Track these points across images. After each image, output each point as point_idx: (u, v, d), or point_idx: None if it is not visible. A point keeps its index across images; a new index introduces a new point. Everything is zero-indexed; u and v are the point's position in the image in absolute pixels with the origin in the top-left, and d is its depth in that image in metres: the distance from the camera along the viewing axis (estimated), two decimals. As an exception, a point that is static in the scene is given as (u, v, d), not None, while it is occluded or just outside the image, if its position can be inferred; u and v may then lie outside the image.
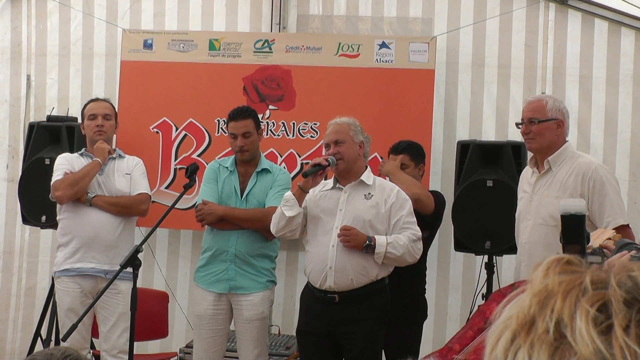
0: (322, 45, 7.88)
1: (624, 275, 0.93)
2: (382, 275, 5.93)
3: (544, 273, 0.97)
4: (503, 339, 0.96)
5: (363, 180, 6.00)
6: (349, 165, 6.01)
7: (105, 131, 6.69)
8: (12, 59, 8.57)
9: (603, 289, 0.92)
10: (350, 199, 5.98)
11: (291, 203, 5.95)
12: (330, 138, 6.04)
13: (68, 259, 6.56)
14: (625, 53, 7.57)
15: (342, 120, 6.12)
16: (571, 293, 0.92)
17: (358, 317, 5.86)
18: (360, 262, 5.83)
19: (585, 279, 0.93)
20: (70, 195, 6.50)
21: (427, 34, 7.88)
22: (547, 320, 0.92)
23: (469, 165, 7.21)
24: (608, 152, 7.57)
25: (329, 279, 5.86)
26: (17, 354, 8.40)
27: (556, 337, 0.91)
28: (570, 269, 0.96)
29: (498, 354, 0.96)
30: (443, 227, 7.02)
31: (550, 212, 5.54)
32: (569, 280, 0.94)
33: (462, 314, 7.72)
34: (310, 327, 6.04)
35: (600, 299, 0.91)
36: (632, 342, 0.87)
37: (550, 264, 0.98)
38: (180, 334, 8.16)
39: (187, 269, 8.20)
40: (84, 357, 2.72)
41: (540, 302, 0.94)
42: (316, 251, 5.97)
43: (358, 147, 6.05)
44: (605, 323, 0.89)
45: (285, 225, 5.98)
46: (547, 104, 5.74)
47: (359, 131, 6.09)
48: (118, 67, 8.21)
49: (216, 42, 8.00)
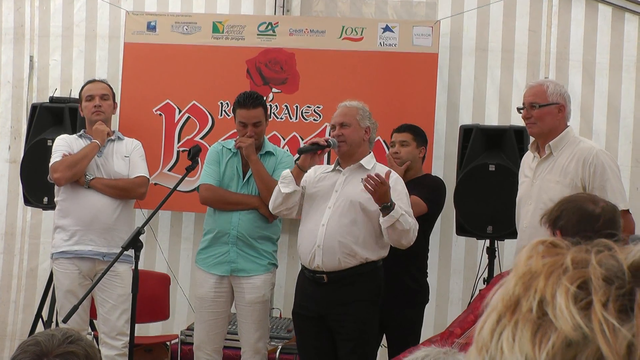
0: (326, 28, 7.86)
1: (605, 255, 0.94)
2: (371, 258, 5.90)
3: (528, 255, 0.98)
4: (489, 321, 0.97)
5: (362, 164, 6.00)
6: (352, 148, 6.00)
7: (104, 111, 6.68)
8: (15, 40, 8.56)
9: (584, 268, 0.92)
10: (347, 181, 5.98)
11: (288, 180, 5.96)
12: (337, 120, 6.05)
13: (66, 241, 6.56)
14: (629, 39, 7.55)
15: (352, 103, 6.12)
16: (554, 273, 0.93)
17: (347, 299, 5.85)
18: (348, 242, 5.83)
19: (566, 259, 0.94)
20: (68, 177, 6.50)
21: (431, 17, 7.87)
22: (531, 300, 0.93)
23: (471, 149, 7.21)
24: (611, 137, 7.56)
25: (317, 257, 5.86)
26: (19, 336, 8.41)
27: (539, 315, 0.91)
28: (554, 252, 0.97)
29: (485, 334, 0.97)
30: (445, 211, 7.02)
31: (551, 196, 5.53)
32: (551, 262, 0.95)
33: (464, 298, 7.73)
34: (303, 309, 6.07)
35: (581, 277, 0.92)
36: (610, 316, 0.87)
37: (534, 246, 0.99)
38: (182, 316, 8.18)
39: (189, 252, 8.20)
40: (85, 338, 2.72)
41: (524, 284, 0.95)
42: (307, 229, 5.99)
43: (363, 132, 6.04)
44: (585, 300, 0.90)
45: (282, 202, 5.98)
46: (548, 89, 5.74)
47: (366, 116, 6.09)
48: (121, 49, 8.21)
49: (220, 25, 7.99)
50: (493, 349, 0.94)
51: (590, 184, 5.49)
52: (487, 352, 0.95)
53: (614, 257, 0.94)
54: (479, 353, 0.96)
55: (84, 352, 2.62)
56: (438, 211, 6.79)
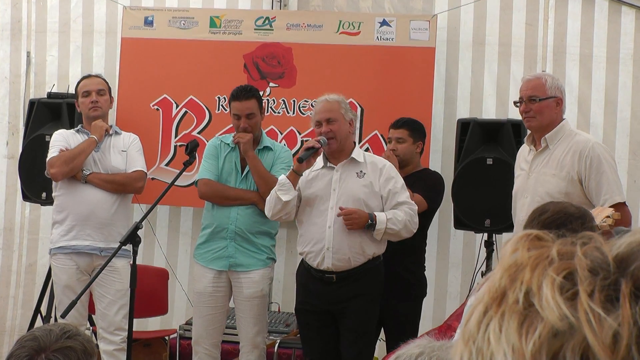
0: (323, 22, 7.87)
1: (590, 247, 0.95)
2: (378, 253, 5.99)
3: (513, 248, 0.99)
4: (476, 313, 0.97)
5: (354, 157, 6.00)
6: (341, 143, 6.01)
7: (101, 106, 6.68)
8: (12, 36, 8.56)
9: (569, 259, 0.93)
10: (343, 178, 5.99)
11: (286, 187, 5.93)
12: (322, 116, 6.03)
13: (63, 237, 6.56)
14: (626, 32, 7.55)
15: (332, 97, 6.10)
16: (539, 265, 0.94)
17: (353, 293, 5.91)
18: (357, 241, 5.87)
19: (552, 251, 0.95)
20: (65, 173, 6.50)
21: (428, 12, 7.87)
22: (517, 292, 0.93)
23: (469, 143, 7.22)
24: (608, 130, 7.56)
25: (327, 260, 5.89)
26: (17, 331, 8.42)
27: (525, 306, 0.92)
28: (539, 244, 0.98)
29: (471, 326, 0.97)
30: (443, 205, 7.03)
31: (548, 189, 5.56)
32: (537, 254, 0.96)
33: (462, 291, 7.74)
34: (308, 305, 6.09)
35: (567, 268, 0.92)
36: (596, 306, 0.88)
37: (519, 239, 1.00)
38: (181, 311, 8.18)
39: (187, 246, 8.21)
40: (83, 333, 2.74)
41: (510, 276, 0.96)
42: (312, 232, 5.99)
43: (348, 125, 6.04)
44: (571, 290, 0.91)
45: (281, 209, 5.98)
46: (547, 82, 5.74)
47: (348, 109, 6.11)
48: (118, 44, 8.21)
49: (217, 20, 7.99)
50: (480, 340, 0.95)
51: (587, 177, 5.50)
52: (473, 343, 0.96)
53: (599, 249, 0.95)
54: (466, 345, 0.97)
55: (82, 347, 2.63)
56: (437, 206, 6.81)
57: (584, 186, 5.52)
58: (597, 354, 0.87)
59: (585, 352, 0.88)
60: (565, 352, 0.89)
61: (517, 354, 0.90)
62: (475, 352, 0.95)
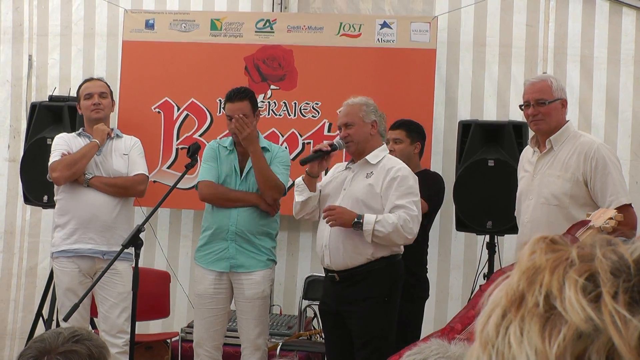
0: (324, 25, 7.87)
1: (609, 249, 0.95)
2: (380, 254, 5.89)
3: (531, 252, 0.99)
4: (494, 317, 0.97)
5: (368, 159, 6.01)
6: (360, 146, 6.02)
7: (103, 109, 6.68)
8: (13, 39, 8.56)
9: (590, 262, 0.93)
10: (354, 179, 6.01)
11: (301, 188, 6.07)
12: (341, 121, 6.10)
13: (65, 240, 6.56)
14: (627, 33, 7.56)
15: (354, 101, 6.13)
16: (559, 267, 0.94)
17: (356, 296, 5.88)
18: (353, 240, 5.85)
19: (572, 254, 0.95)
20: (67, 177, 6.49)
21: (429, 13, 7.88)
22: (537, 295, 0.93)
23: (470, 145, 7.22)
24: (609, 131, 7.57)
25: (326, 257, 5.95)
26: (19, 334, 8.42)
27: (546, 309, 0.92)
28: (555, 248, 0.98)
29: (489, 330, 0.97)
30: (445, 206, 7.04)
31: (552, 191, 5.55)
32: (555, 257, 0.96)
33: (464, 293, 7.74)
34: (324, 305, 6.17)
35: (588, 270, 0.93)
36: (621, 307, 0.88)
37: (535, 243, 1.00)
38: (182, 314, 8.18)
39: (188, 249, 8.21)
40: (95, 339, 2.74)
41: (528, 279, 0.96)
42: (320, 230, 6.09)
43: (370, 127, 6.04)
44: (594, 292, 0.91)
45: (300, 209, 6.13)
46: (552, 84, 5.71)
47: (371, 111, 6.10)
48: (120, 47, 8.22)
49: (218, 22, 8.00)
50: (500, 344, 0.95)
51: (592, 179, 5.48)
52: (493, 347, 0.96)
53: (617, 252, 0.95)
54: (484, 349, 0.97)
55: (88, 352, 2.63)
56: (438, 207, 6.81)
57: (589, 187, 5.50)
58: (623, 356, 0.87)
59: (610, 353, 0.88)
60: (590, 354, 0.89)
61: (540, 356, 0.90)
62: (495, 356, 0.95)
